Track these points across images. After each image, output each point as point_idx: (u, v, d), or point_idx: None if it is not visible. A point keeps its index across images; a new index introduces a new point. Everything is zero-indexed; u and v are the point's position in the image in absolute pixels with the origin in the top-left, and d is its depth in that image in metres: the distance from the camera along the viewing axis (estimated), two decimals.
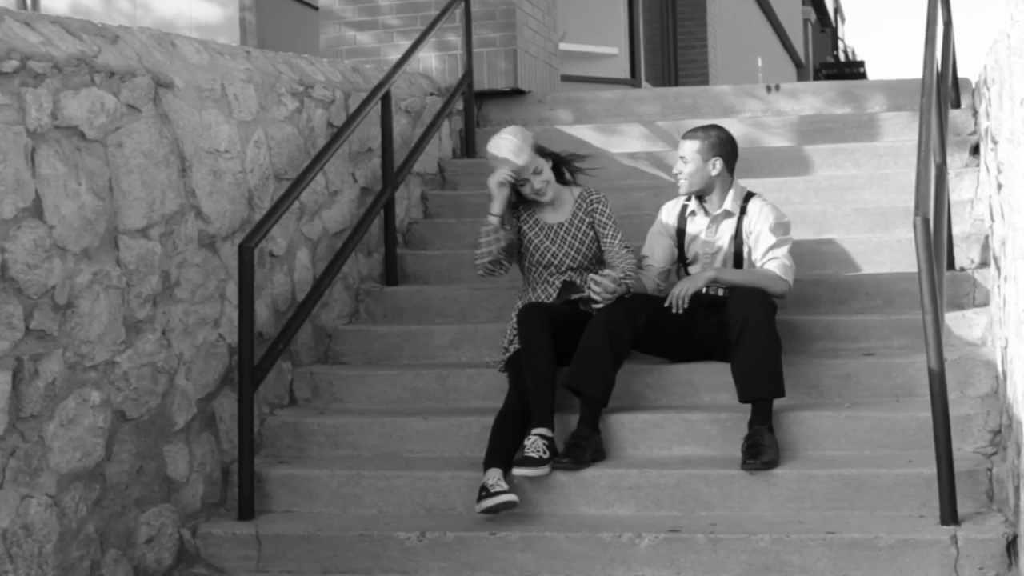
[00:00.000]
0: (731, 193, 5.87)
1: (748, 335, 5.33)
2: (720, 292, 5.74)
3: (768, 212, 5.80)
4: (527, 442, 5.31)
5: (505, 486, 5.17)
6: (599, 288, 5.57)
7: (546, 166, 6.00)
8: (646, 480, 5.23)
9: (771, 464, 5.14)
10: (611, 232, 6.01)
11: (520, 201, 6.11)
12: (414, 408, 6.03)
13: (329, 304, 6.56)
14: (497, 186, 5.89)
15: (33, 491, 4.45)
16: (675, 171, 5.92)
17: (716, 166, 5.81)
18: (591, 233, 6.02)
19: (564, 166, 6.15)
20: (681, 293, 5.60)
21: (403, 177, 7.21)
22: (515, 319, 5.74)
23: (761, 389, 5.31)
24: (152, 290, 5.09)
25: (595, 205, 6.06)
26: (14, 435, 4.37)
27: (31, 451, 4.44)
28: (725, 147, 5.85)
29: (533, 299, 5.97)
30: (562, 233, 6.00)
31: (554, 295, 5.96)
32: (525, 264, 6.10)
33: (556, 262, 5.97)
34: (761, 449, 5.15)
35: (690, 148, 5.84)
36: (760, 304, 5.45)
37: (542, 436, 5.32)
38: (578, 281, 5.97)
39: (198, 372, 5.42)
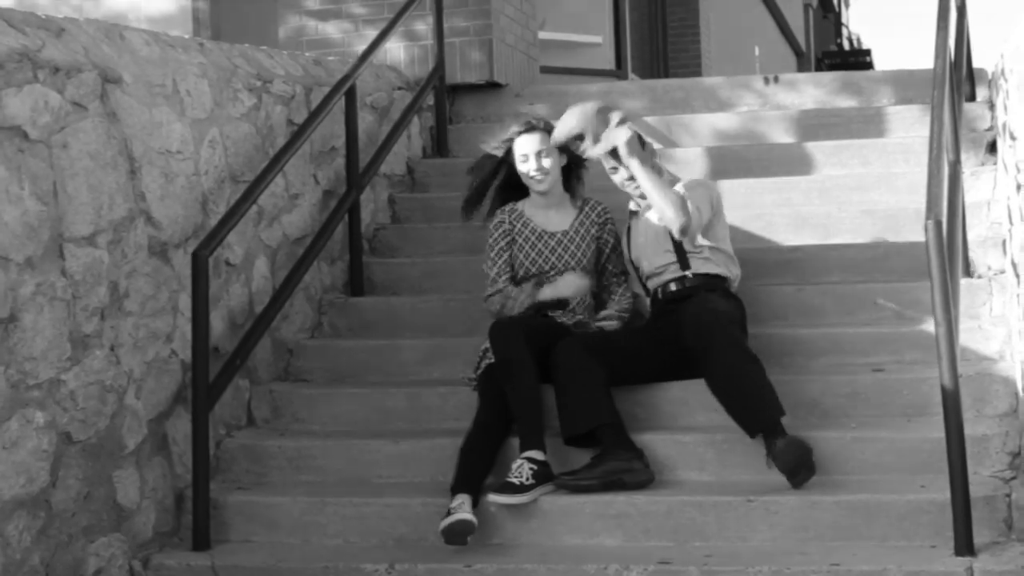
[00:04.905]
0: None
1: (725, 364, 5.39)
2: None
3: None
4: (513, 465, 5.36)
5: (468, 509, 5.23)
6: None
7: (556, 155, 6.01)
8: (634, 508, 5.29)
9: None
10: (615, 258, 6.11)
11: (506, 186, 6.16)
12: (382, 430, 6.10)
13: (290, 317, 6.64)
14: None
15: None
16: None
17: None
18: (594, 247, 6.08)
19: (573, 172, 6.15)
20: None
21: (369, 179, 7.30)
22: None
23: (764, 418, 5.32)
24: (100, 302, 5.18)
25: (607, 218, 6.13)
26: None
27: None
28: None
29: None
30: (565, 242, 6.04)
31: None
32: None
33: (547, 269, 6.04)
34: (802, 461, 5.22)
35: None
36: (723, 323, 5.50)
37: (530, 460, 5.36)
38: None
39: (149, 391, 5.50)
